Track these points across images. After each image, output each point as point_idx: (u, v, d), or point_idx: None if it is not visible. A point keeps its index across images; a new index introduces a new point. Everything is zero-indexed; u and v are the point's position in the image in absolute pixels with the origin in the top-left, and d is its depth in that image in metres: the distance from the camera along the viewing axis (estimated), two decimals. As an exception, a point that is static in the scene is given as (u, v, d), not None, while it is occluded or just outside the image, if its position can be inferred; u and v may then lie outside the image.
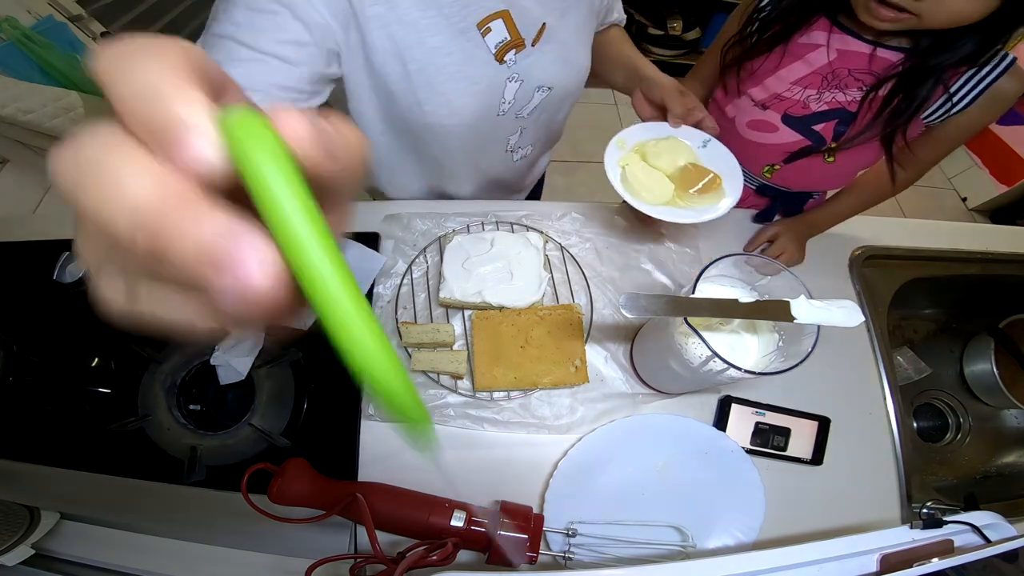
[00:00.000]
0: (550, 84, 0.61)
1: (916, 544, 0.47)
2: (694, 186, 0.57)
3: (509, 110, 0.60)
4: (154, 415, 0.61)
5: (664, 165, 0.59)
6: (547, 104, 0.64)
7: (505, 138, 0.67)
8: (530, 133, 0.69)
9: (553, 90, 0.62)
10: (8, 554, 0.52)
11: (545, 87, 0.61)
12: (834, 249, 0.77)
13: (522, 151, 0.72)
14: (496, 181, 0.78)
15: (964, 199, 2.14)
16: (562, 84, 0.62)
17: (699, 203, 0.58)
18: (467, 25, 0.51)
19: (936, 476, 0.82)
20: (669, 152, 0.59)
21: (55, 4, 1.12)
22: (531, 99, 0.61)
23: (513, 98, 0.59)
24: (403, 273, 0.70)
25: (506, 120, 0.62)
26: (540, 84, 0.60)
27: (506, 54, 0.54)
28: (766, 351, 0.52)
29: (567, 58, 0.60)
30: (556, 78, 0.61)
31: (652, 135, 0.61)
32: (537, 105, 0.63)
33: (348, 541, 0.56)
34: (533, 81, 0.59)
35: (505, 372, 0.61)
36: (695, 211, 0.58)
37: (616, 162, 0.59)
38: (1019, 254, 0.81)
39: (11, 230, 0.77)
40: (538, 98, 0.62)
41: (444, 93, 0.54)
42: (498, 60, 0.54)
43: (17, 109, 0.91)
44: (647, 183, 0.58)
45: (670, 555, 0.55)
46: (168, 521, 0.59)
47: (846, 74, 0.60)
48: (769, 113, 0.68)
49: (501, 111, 0.60)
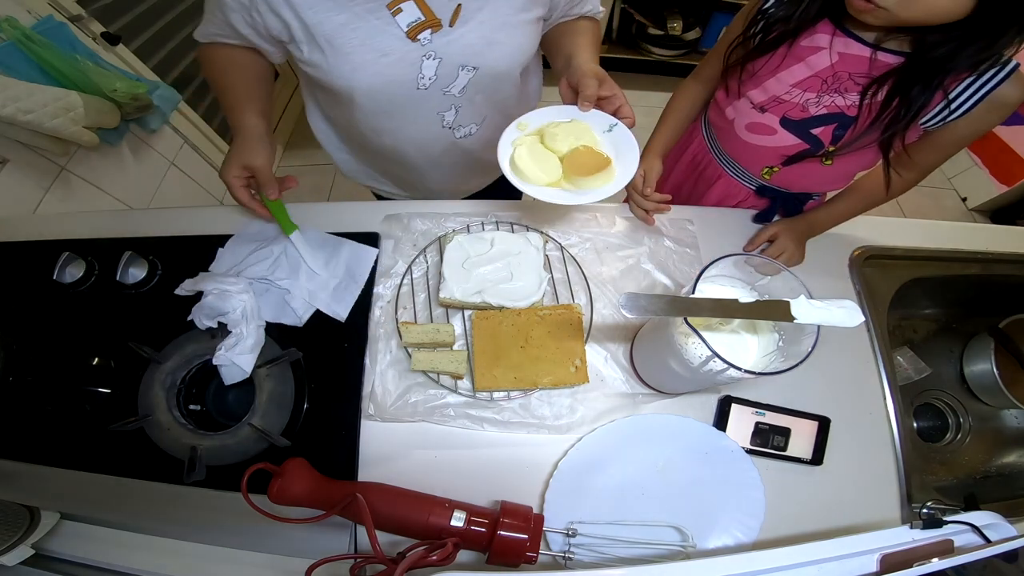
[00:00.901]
0: (474, 64, 0.64)
1: (916, 544, 0.47)
2: (580, 168, 0.56)
3: (432, 85, 0.64)
4: (154, 415, 0.61)
5: (560, 147, 0.59)
6: (478, 83, 0.67)
7: (437, 114, 0.70)
8: (469, 112, 0.72)
9: (480, 70, 0.65)
10: (8, 554, 0.52)
11: (469, 67, 0.64)
12: (834, 249, 0.77)
13: (464, 129, 0.75)
14: (454, 164, 0.82)
15: (964, 199, 2.14)
16: (488, 64, 0.64)
17: (586, 185, 0.57)
18: (376, 6, 0.57)
19: (936, 476, 0.82)
20: (568, 135, 0.59)
21: (55, 4, 1.12)
22: (456, 77, 0.64)
23: (435, 75, 0.63)
24: (403, 273, 0.70)
25: (432, 95, 0.66)
26: (463, 64, 0.63)
27: (420, 33, 0.59)
28: (766, 351, 0.52)
29: (491, 39, 0.62)
30: (480, 58, 0.63)
31: (557, 118, 0.61)
32: (466, 84, 0.66)
33: (348, 541, 0.56)
34: (454, 60, 0.62)
35: (505, 372, 0.61)
36: (577, 194, 0.57)
37: (511, 142, 0.59)
38: (1019, 254, 0.81)
39: (11, 230, 0.77)
40: (464, 77, 0.65)
41: (350, 58, 0.59)
42: (410, 38, 0.59)
43: (17, 109, 0.91)
44: (533, 164, 0.57)
45: (670, 555, 0.55)
46: (168, 521, 0.59)
47: (846, 78, 0.60)
48: (768, 116, 0.68)
49: (421, 85, 0.64)
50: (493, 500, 0.57)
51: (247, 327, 0.62)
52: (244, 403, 0.63)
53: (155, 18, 1.46)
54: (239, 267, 0.69)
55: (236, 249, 0.72)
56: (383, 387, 0.63)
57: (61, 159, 1.13)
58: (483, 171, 0.90)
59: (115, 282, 0.68)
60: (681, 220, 0.77)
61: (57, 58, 1.01)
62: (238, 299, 0.62)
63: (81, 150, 1.16)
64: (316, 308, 0.68)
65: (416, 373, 0.63)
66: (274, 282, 0.68)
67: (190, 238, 0.75)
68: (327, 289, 0.68)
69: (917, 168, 0.65)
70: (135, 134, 1.33)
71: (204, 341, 0.64)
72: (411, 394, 0.62)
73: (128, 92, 1.15)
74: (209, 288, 0.63)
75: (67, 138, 1.03)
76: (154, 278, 0.70)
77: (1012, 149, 1.94)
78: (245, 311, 0.63)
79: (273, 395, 0.62)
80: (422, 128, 0.72)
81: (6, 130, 0.95)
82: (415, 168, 0.81)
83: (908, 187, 0.67)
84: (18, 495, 0.58)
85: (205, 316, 0.63)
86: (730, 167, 0.80)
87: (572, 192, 0.58)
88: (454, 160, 0.80)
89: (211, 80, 0.68)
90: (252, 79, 0.68)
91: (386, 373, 0.64)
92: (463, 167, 0.84)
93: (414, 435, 0.61)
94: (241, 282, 0.64)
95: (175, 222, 0.76)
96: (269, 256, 0.70)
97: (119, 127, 1.18)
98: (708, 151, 0.82)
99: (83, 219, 0.78)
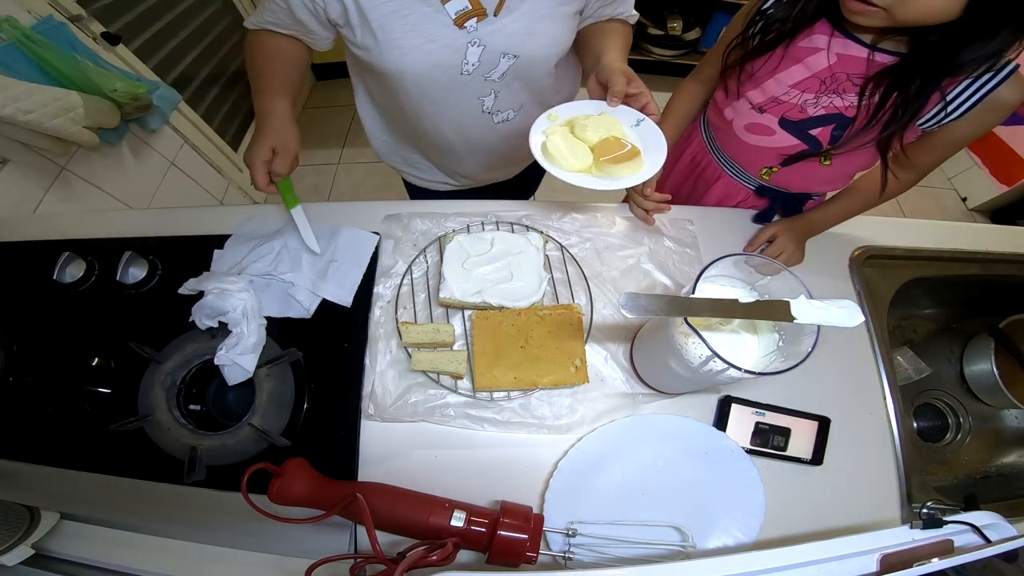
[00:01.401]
0: (515, 52, 0.67)
1: (916, 544, 0.47)
2: (611, 156, 0.58)
3: (475, 71, 0.68)
4: (154, 415, 0.61)
5: (590, 138, 0.60)
6: (517, 71, 0.70)
7: (478, 98, 0.73)
8: (508, 97, 0.75)
9: (520, 58, 0.68)
10: (8, 554, 0.52)
11: (510, 54, 0.67)
12: (834, 249, 0.77)
13: (503, 114, 0.78)
14: (490, 150, 0.86)
15: (964, 199, 2.14)
16: (528, 53, 0.68)
17: (615, 173, 0.58)
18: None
19: (936, 476, 0.82)
20: (598, 127, 0.61)
21: (55, 4, 1.12)
22: (497, 64, 0.68)
23: (478, 61, 0.67)
24: (403, 273, 0.70)
25: (474, 80, 0.69)
26: (504, 51, 0.67)
27: (467, 21, 0.63)
28: (766, 351, 0.52)
29: (531, 29, 0.66)
30: (520, 47, 0.67)
31: (587, 111, 0.63)
32: (506, 71, 0.69)
33: (348, 541, 0.56)
34: (497, 47, 0.66)
35: (505, 372, 0.61)
36: (609, 180, 0.59)
37: (542, 131, 0.61)
38: (1019, 254, 0.81)
39: (11, 230, 0.77)
40: (504, 64, 0.68)
41: (400, 43, 0.63)
42: (458, 25, 0.63)
43: (17, 109, 0.91)
44: (566, 151, 0.59)
45: (670, 555, 0.55)
46: (168, 521, 0.59)
47: (844, 79, 0.60)
48: (766, 117, 0.68)
49: (465, 71, 0.67)
50: (493, 500, 0.57)
51: (248, 326, 0.62)
52: (244, 403, 0.63)
53: (155, 18, 1.46)
54: (240, 265, 0.69)
55: (236, 248, 0.72)
56: (383, 387, 0.63)
57: (61, 159, 1.13)
58: (515, 159, 0.96)
59: (115, 282, 0.68)
60: (681, 220, 0.77)
61: (57, 58, 1.00)
62: (238, 298, 0.62)
63: (81, 150, 1.16)
64: (321, 299, 0.68)
65: (416, 373, 0.63)
66: (277, 276, 0.68)
67: (190, 238, 0.75)
68: (329, 273, 0.69)
69: (916, 169, 0.65)
70: (135, 134, 1.33)
71: (204, 341, 0.64)
72: (411, 394, 0.62)
73: (128, 92, 1.15)
74: (210, 287, 0.63)
75: (67, 138, 1.03)
76: (154, 278, 0.70)
77: (1012, 149, 1.94)
78: (246, 310, 0.63)
79: (273, 395, 0.62)
80: (463, 112, 0.75)
81: (6, 130, 0.95)
82: (453, 151, 0.85)
83: (907, 188, 0.67)
84: (18, 495, 0.58)
85: (205, 315, 0.63)
86: (729, 167, 0.80)
87: (602, 179, 0.59)
88: (490, 146, 0.84)
89: (253, 64, 0.70)
90: (293, 67, 0.72)
91: (386, 373, 0.64)
92: (498, 154, 0.88)
93: (414, 435, 0.61)
94: (241, 281, 0.65)
95: (175, 222, 0.77)
96: (270, 252, 0.70)
97: (119, 127, 1.18)
98: (707, 151, 0.82)
99: (83, 219, 0.78)
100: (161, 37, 1.48)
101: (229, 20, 1.85)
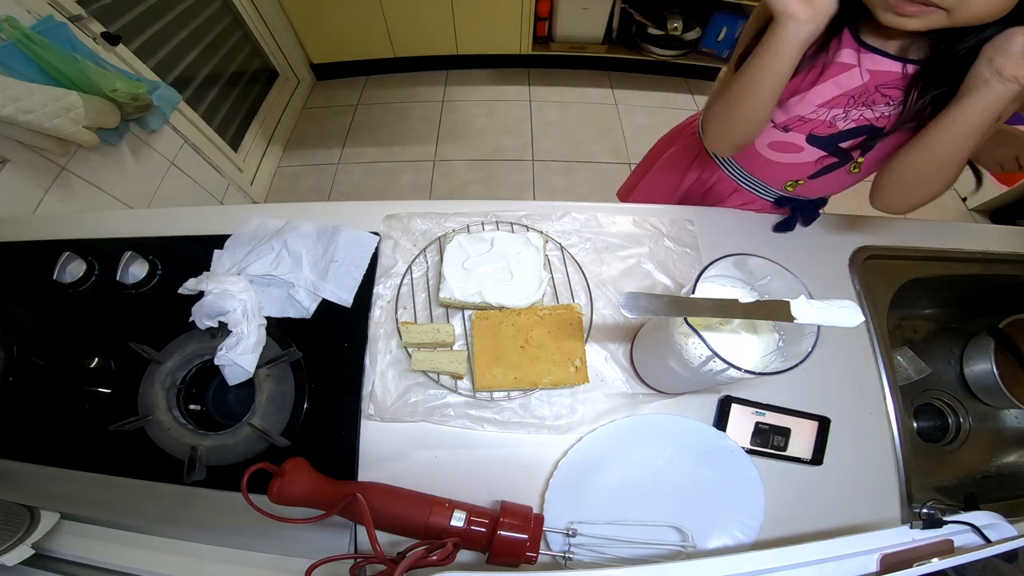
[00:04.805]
0: None
1: (916, 544, 0.47)
2: None
3: None
4: (154, 415, 0.61)
5: None
6: None
7: None
8: None
9: None
10: (8, 554, 0.52)
11: None
12: (834, 249, 0.77)
13: None
14: None
15: (964, 199, 2.14)
16: None
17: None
18: None
19: (936, 476, 0.82)
20: None
21: (55, 4, 1.12)
22: None
23: None
24: (403, 273, 0.70)
25: None
26: None
27: None
28: (766, 351, 0.52)
29: None
30: None
31: None
32: None
33: (348, 541, 0.56)
34: None
35: (505, 372, 0.61)
36: None
37: None
38: (1019, 254, 0.81)
39: (11, 230, 0.77)
40: None
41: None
42: None
43: (17, 109, 0.91)
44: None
45: (670, 555, 0.55)
46: (168, 521, 0.59)
47: (874, 91, 0.58)
48: (792, 135, 0.66)
49: None
50: (493, 500, 0.57)
51: (248, 326, 0.62)
52: (244, 403, 0.62)
53: (155, 18, 1.46)
54: (241, 265, 0.69)
55: (236, 248, 0.72)
56: (383, 387, 0.63)
57: (61, 159, 1.13)
58: None
59: (115, 282, 0.68)
60: (681, 220, 0.77)
61: (57, 58, 1.01)
62: (238, 298, 0.62)
63: (81, 150, 1.16)
64: (321, 299, 0.68)
65: (416, 373, 0.63)
66: (278, 276, 0.68)
67: (190, 238, 0.75)
68: (329, 273, 0.69)
69: None
70: (135, 134, 1.33)
71: (204, 341, 0.64)
72: (411, 394, 0.62)
73: (128, 92, 1.15)
74: (210, 287, 0.63)
75: (67, 138, 1.03)
76: (154, 278, 0.70)
77: (1012, 149, 1.93)
78: (246, 310, 0.63)
79: (273, 395, 0.62)
80: None
81: (6, 130, 0.95)
82: None
83: None
84: (18, 495, 0.58)
85: (205, 315, 0.63)
86: (747, 182, 0.79)
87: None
88: None
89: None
90: None
91: (386, 373, 0.64)
92: None
93: (414, 435, 0.61)
94: (242, 280, 0.65)
95: (175, 222, 0.76)
96: (270, 252, 0.70)
97: (119, 127, 1.18)
98: (716, 168, 0.81)
99: (83, 219, 0.78)
100: (161, 37, 1.48)
101: (229, 20, 1.85)
